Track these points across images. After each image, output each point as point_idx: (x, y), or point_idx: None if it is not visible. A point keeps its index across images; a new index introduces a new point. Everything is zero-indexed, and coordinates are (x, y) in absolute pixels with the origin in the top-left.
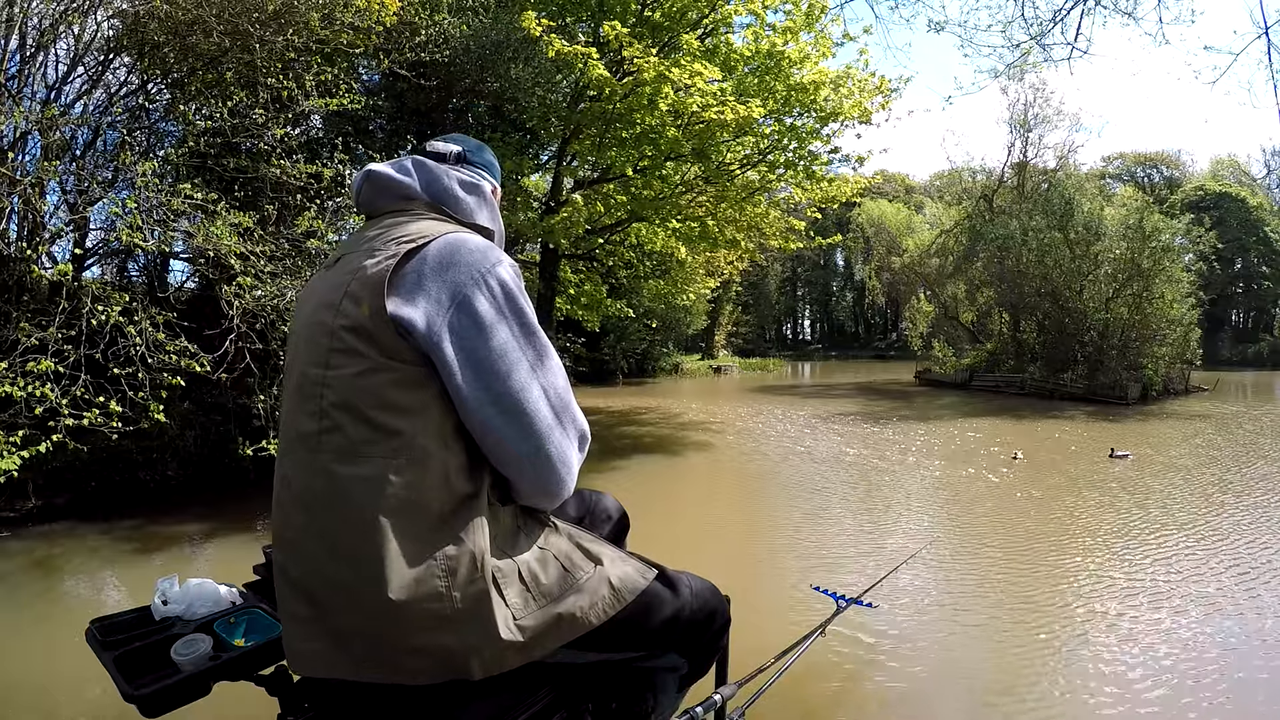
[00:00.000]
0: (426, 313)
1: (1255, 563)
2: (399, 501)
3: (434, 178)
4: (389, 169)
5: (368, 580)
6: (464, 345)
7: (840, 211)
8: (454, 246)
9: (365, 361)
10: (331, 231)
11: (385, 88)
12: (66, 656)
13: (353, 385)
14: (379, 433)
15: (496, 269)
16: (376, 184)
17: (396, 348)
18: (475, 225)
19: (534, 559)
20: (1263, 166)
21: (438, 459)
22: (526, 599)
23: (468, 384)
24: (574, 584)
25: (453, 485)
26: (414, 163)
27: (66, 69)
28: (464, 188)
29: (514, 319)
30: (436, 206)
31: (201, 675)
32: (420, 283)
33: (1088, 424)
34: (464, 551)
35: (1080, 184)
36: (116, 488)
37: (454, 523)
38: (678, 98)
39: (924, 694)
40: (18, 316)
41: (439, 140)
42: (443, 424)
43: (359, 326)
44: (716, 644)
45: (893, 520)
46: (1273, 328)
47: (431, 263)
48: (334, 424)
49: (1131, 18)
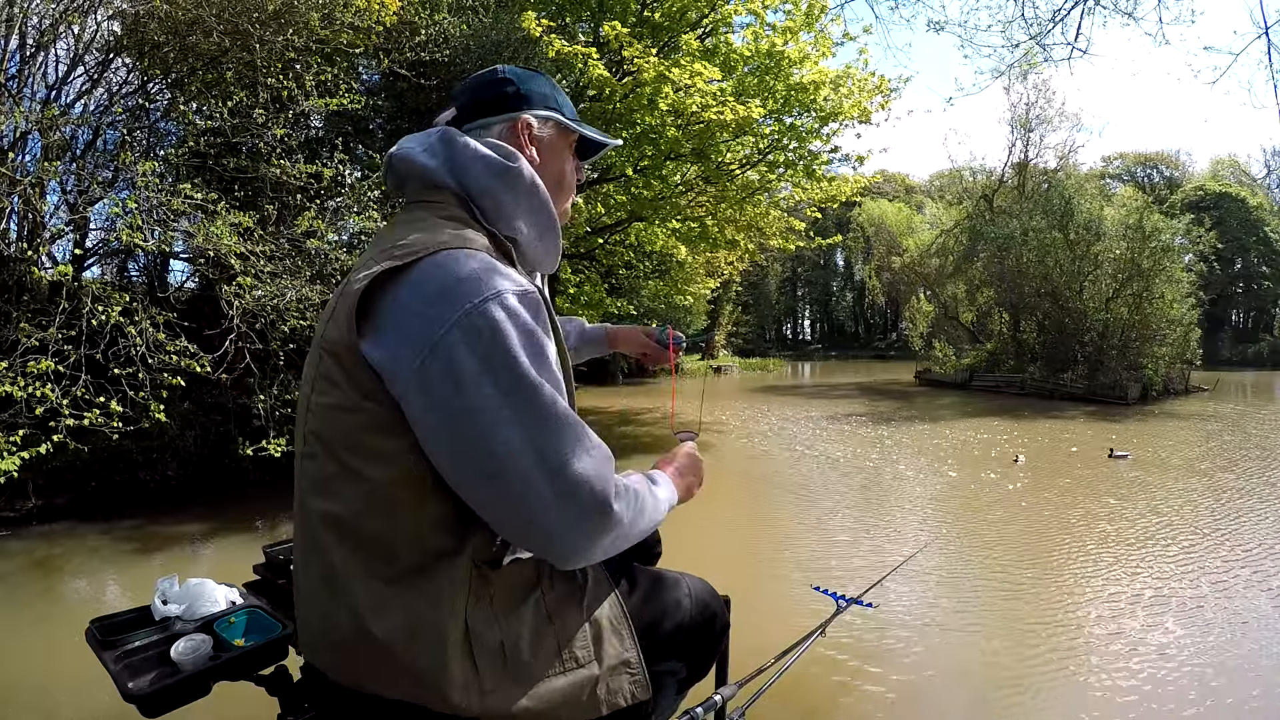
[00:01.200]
0: (395, 357)
1: (1257, 564)
2: (364, 546)
3: (460, 162)
4: (412, 148)
5: (337, 611)
6: (435, 402)
7: (840, 211)
8: (439, 272)
9: (340, 395)
10: (331, 231)
11: (385, 88)
12: (66, 656)
13: (327, 418)
14: (348, 473)
15: (486, 305)
16: (398, 170)
17: (370, 387)
18: (495, 233)
19: (529, 629)
20: (1263, 166)
21: (409, 511)
22: (498, 673)
23: (441, 445)
24: (558, 671)
25: (426, 540)
26: (442, 139)
27: (66, 69)
28: (495, 176)
29: (503, 369)
30: (466, 201)
31: (201, 675)
32: (394, 317)
33: (1088, 424)
34: (429, 610)
35: (1080, 184)
36: (116, 488)
37: (422, 579)
38: (678, 98)
39: (924, 694)
40: (18, 316)
41: (465, 90)
42: (419, 474)
43: (336, 354)
44: (716, 648)
45: (893, 520)
46: (1273, 328)
47: (409, 292)
48: (311, 452)
49: (1131, 18)
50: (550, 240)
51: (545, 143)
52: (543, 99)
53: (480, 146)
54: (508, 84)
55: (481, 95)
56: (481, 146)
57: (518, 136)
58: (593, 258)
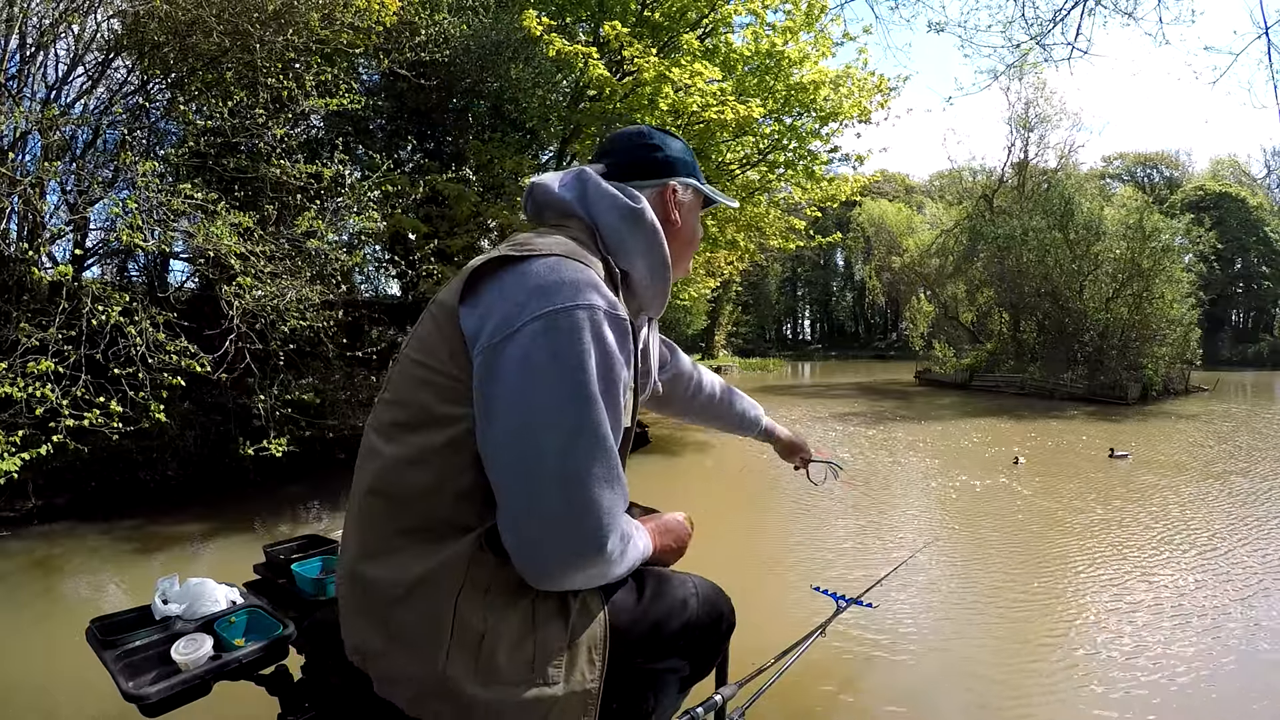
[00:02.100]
0: (481, 328)
1: (1260, 565)
2: (401, 492)
3: (592, 198)
4: (550, 182)
5: (360, 554)
6: (498, 379)
7: (840, 211)
8: (546, 271)
9: (427, 354)
10: (331, 231)
11: (385, 88)
12: (66, 656)
13: (411, 372)
14: (409, 423)
15: (576, 311)
16: (538, 198)
17: (456, 348)
18: (610, 261)
19: (512, 633)
20: (1263, 166)
21: (447, 475)
22: (466, 662)
23: (487, 421)
24: (523, 681)
25: (451, 506)
26: (579, 177)
27: (66, 69)
28: (619, 214)
29: (568, 373)
30: (593, 231)
31: (201, 675)
32: (493, 295)
33: (1088, 424)
34: (430, 578)
35: (1080, 184)
36: (116, 488)
37: (437, 544)
38: (678, 98)
39: (924, 694)
40: (18, 317)
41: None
42: (468, 443)
43: (438, 318)
44: (720, 647)
45: (893, 520)
46: (1273, 328)
47: (514, 279)
48: (390, 398)
49: (1131, 18)
50: (660, 281)
51: (685, 206)
52: (685, 166)
53: (610, 187)
54: (656, 150)
55: (633, 158)
56: (611, 188)
57: (666, 202)
58: None
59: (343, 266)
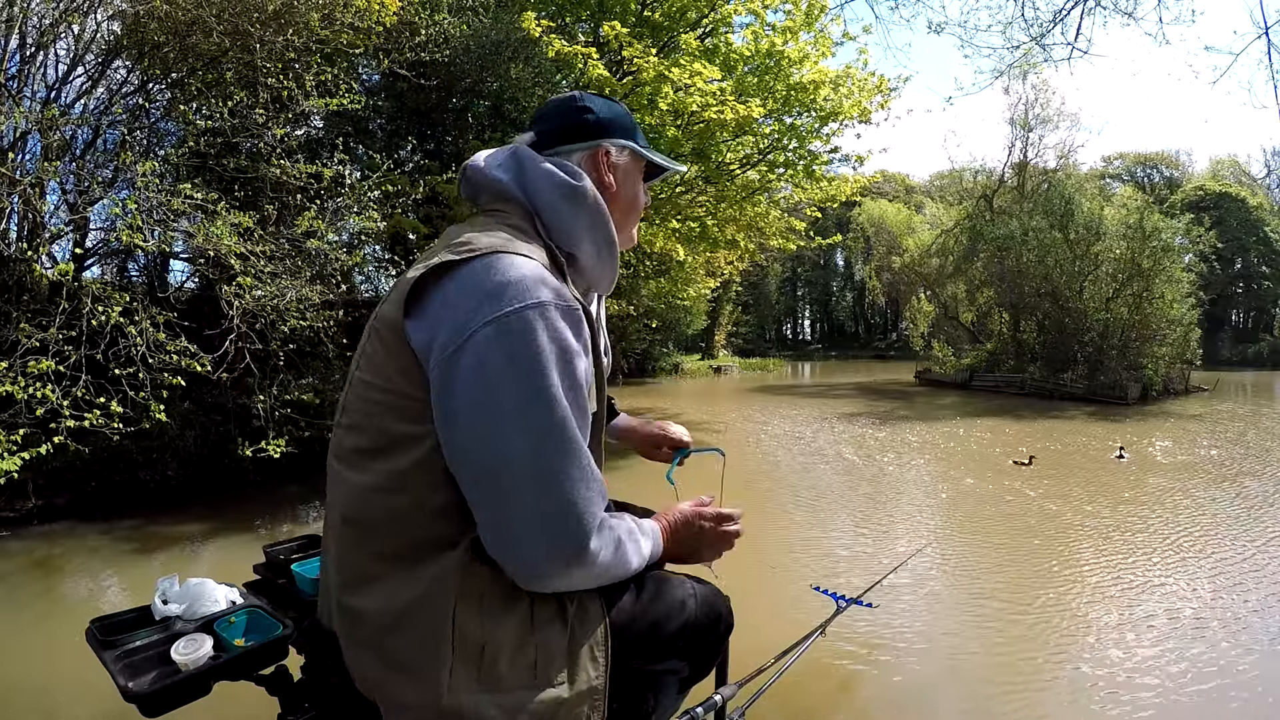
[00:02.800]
0: (432, 339)
1: (1262, 564)
2: (377, 519)
3: (529, 178)
4: (483, 163)
5: (346, 586)
6: (457, 390)
7: (840, 211)
8: (489, 271)
9: (379, 372)
10: (331, 231)
11: (385, 88)
12: (66, 656)
13: (364, 395)
14: (373, 449)
15: (526, 311)
16: (473, 180)
17: (407, 365)
18: (555, 247)
19: (512, 636)
20: (1263, 166)
21: (421, 494)
22: (470, 675)
23: (451, 433)
24: (528, 685)
25: (429, 525)
26: (513, 156)
27: (66, 69)
28: (560, 193)
29: (527, 375)
30: (531, 215)
31: (201, 675)
32: (439, 304)
33: (1088, 424)
34: (422, 599)
35: (1081, 184)
36: (116, 488)
37: (422, 564)
38: (677, 97)
39: (924, 694)
40: (18, 317)
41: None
42: (436, 459)
43: (383, 332)
44: (719, 648)
45: (893, 520)
46: (1273, 328)
47: (457, 285)
48: (348, 424)
49: (1131, 18)
50: (608, 259)
51: (621, 169)
52: (620, 129)
53: (549, 165)
54: (587, 112)
55: (563, 122)
56: (550, 165)
57: (598, 164)
58: None
59: (343, 266)
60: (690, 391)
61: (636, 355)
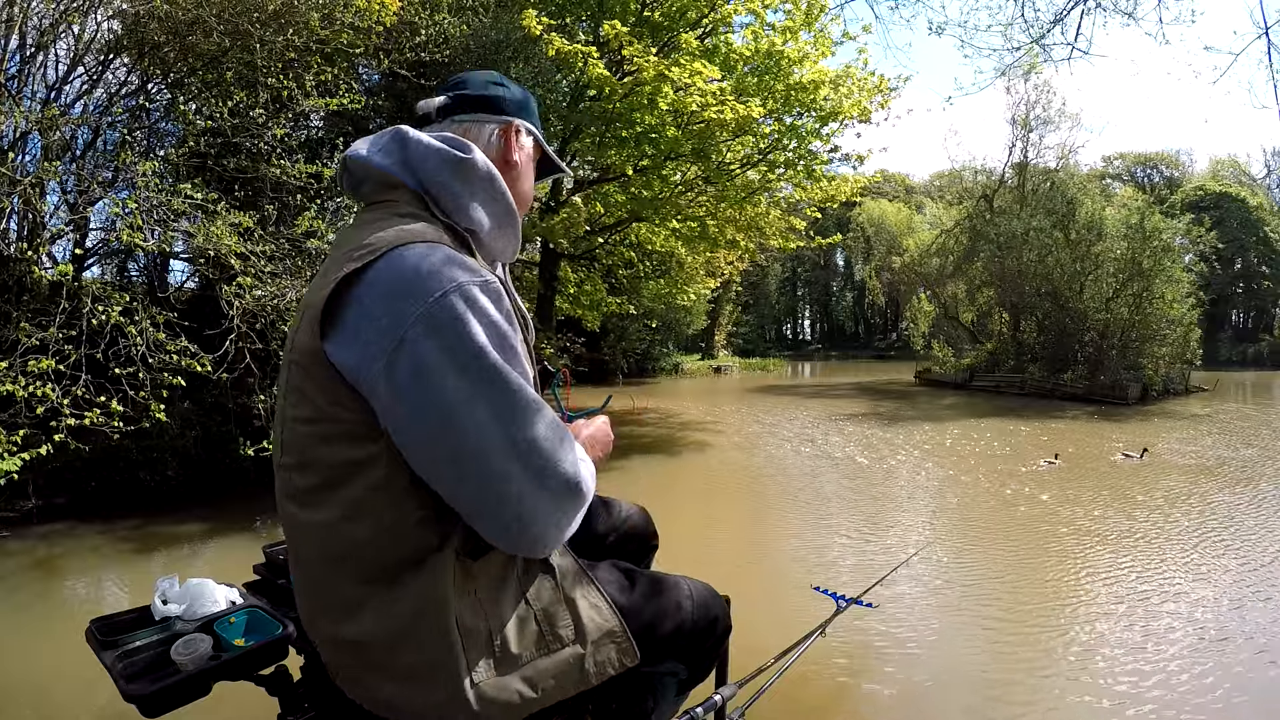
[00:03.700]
0: (361, 356)
1: (1264, 563)
2: (348, 551)
3: (415, 158)
4: (365, 151)
5: (333, 621)
6: (405, 397)
7: (840, 211)
8: (398, 268)
9: (310, 405)
10: (331, 231)
11: (385, 88)
12: (66, 656)
13: (300, 431)
14: (326, 484)
15: (447, 298)
16: (354, 172)
17: (338, 392)
18: (454, 225)
19: (513, 618)
20: (1263, 166)
21: (389, 514)
22: (488, 663)
23: (414, 439)
24: (546, 651)
25: (408, 540)
26: (395, 138)
27: (66, 69)
28: (449, 168)
29: (470, 359)
30: (422, 197)
31: (201, 675)
32: (356, 318)
33: (1090, 424)
34: (419, 609)
35: (1081, 184)
36: (116, 488)
37: (410, 578)
38: (677, 97)
39: (924, 694)
40: (18, 316)
41: (464, 83)
42: (395, 477)
43: (303, 363)
44: (717, 650)
45: (893, 520)
46: (1273, 328)
47: (370, 291)
48: (289, 463)
49: (1131, 18)
50: (509, 229)
51: (525, 154)
52: (531, 114)
53: (433, 140)
54: (507, 89)
55: (484, 92)
56: (435, 140)
57: (509, 142)
58: (593, 258)
59: None
60: (690, 391)
61: (637, 355)
